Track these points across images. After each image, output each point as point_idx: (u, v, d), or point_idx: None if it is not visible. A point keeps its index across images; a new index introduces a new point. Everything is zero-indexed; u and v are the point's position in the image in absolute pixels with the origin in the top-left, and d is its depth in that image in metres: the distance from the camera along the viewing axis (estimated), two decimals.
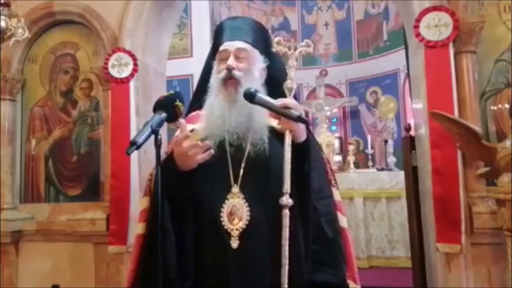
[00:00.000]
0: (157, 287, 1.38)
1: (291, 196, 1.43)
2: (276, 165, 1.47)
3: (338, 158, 7.64)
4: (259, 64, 1.62)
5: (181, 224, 1.51)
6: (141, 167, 3.09)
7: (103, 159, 3.29)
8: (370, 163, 6.91)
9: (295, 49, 1.56)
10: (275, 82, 1.62)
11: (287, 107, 1.43)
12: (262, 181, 1.52)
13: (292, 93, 1.52)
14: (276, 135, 1.53)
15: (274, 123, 1.51)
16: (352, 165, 6.65)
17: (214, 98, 1.58)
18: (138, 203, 1.73)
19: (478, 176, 2.58)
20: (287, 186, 1.42)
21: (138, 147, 1.34)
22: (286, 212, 1.42)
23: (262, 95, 1.47)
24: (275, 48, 1.56)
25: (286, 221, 1.41)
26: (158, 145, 1.39)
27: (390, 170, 6.40)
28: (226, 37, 1.63)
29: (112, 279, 3.10)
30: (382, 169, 6.62)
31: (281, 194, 1.42)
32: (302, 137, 1.50)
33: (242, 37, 1.62)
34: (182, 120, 1.49)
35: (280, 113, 1.44)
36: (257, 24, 1.75)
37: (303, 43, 1.58)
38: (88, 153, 3.41)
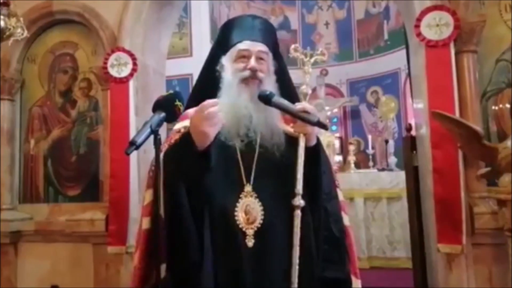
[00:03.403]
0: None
1: (303, 197, 1.46)
2: (288, 167, 1.49)
3: (339, 158, 7.64)
4: (272, 67, 1.65)
5: (198, 210, 1.49)
6: (140, 167, 3.08)
7: (102, 159, 3.28)
8: (370, 163, 6.90)
9: (311, 56, 1.62)
10: (282, 86, 1.65)
11: (306, 111, 1.45)
12: (273, 181, 1.55)
13: (307, 98, 1.55)
14: (288, 138, 1.56)
15: (284, 127, 1.55)
16: (352, 165, 6.65)
17: (236, 97, 1.56)
18: (144, 195, 1.69)
19: (479, 176, 2.57)
20: (299, 187, 1.45)
21: (137, 147, 1.33)
22: (298, 213, 1.45)
23: (279, 98, 1.50)
24: (292, 55, 1.62)
25: (297, 222, 1.45)
26: (157, 145, 1.38)
27: (391, 170, 6.39)
28: (246, 36, 1.63)
29: (112, 280, 3.09)
30: (383, 169, 6.62)
31: (294, 195, 1.45)
32: (314, 140, 1.54)
33: (263, 40, 1.64)
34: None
35: (299, 117, 1.46)
36: (272, 27, 1.78)
37: (319, 51, 1.64)
38: (87, 153, 3.39)
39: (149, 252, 1.57)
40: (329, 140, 7.16)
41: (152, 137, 1.37)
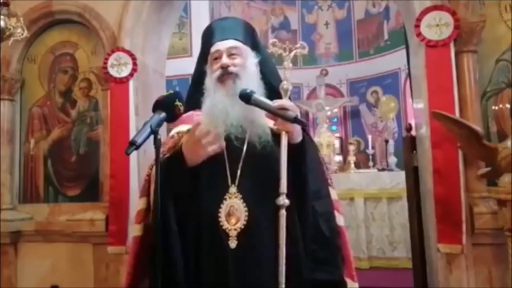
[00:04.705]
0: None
1: (288, 196, 1.43)
2: (273, 165, 1.47)
3: (339, 158, 7.63)
4: (252, 59, 1.64)
5: (183, 224, 1.51)
6: (140, 167, 3.08)
7: (102, 159, 3.28)
8: (370, 163, 6.90)
9: (290, 50, 1.58)
10: (267, 77, 1.65)
11: (283, 108, 1.43)
12: (259, 181, 1.53)
13: (288, 94, 1.53)
14: (272, 136, 1.53)
15: (270, 124, 1.52)
16: (352, 165, 6.64)
17: (213, 95, 1.57)
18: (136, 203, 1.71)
19: (479, 176, 2.57)
20: (283, 186, 1.43)
21: (137, 147, 1.33)
22: (283, 213, 1.42)
23: (258, 96, 1.48)
24: (271, 50, 1.59)
25: (282, 222, 1.42)
26: (157, 145, 1.38)
27: (391, 170, 6.39)
28: (217, 38, 1.65)
29: (112, 280, 3.08)
30: (383, 169, 6.62)
31: (278, 194, 1.43)
32: (298, 138, 1.51)
33: (233, 35, 1.65)
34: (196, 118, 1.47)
35: (276, 114, 1.45)
36: (245, 22, 1.79)
37: (298, 45, 1.60)
38: (87, 153, 3.39)
39: (138, 260, 1.60)
40: (329, 140, 7.16)
41: (152, 137, 1.37)
